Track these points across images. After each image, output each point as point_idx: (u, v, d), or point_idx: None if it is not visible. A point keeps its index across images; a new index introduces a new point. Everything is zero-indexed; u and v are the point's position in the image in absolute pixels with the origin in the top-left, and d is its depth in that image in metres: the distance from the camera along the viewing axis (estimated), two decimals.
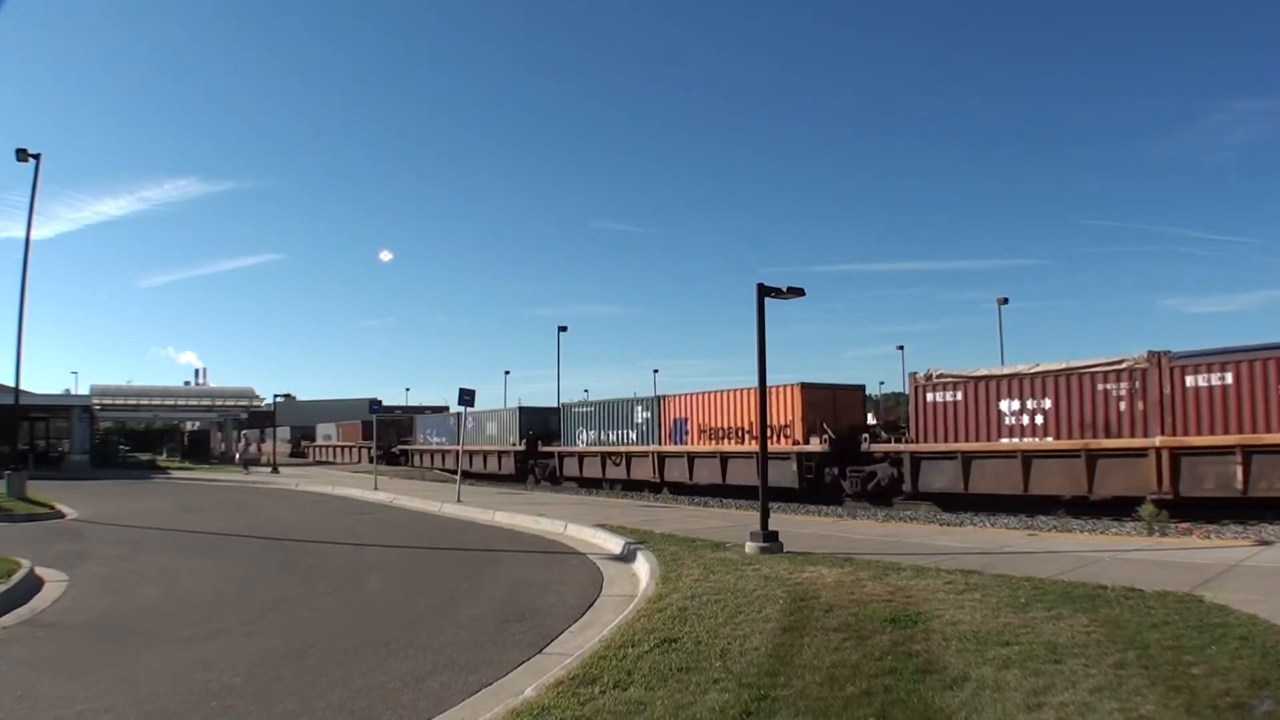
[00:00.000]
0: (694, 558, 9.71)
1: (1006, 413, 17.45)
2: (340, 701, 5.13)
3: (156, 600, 8.98)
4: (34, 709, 5.16)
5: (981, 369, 18.54)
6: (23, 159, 22.39)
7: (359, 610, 8.31)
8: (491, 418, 35.25)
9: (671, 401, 25.76)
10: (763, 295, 11.33)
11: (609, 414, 28.24)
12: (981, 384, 17.95)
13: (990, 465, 17.55)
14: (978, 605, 6.60)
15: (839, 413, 21.58)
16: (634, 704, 4.52)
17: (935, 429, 18.49)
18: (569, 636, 6.79)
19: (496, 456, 33.86)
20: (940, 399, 18.46)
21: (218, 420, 58.48)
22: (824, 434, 20.61)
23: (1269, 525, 13.70)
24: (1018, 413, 17.30)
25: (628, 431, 27.13)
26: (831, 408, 21.57)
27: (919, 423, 18.80)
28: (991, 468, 17.52)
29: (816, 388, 21.88)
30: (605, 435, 28.11)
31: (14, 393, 22.75)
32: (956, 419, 18.13)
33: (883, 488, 19.63)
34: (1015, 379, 17.51)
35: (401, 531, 15.60)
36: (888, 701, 4.39)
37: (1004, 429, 17.45)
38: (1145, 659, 4.99)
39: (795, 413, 21.32)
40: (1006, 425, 17.41)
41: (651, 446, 26.04)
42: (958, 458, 17.93)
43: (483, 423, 35.24)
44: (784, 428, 21.37)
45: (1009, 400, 17.45)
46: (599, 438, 28.40)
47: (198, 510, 19.84)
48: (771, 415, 20.51)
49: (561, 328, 47.84)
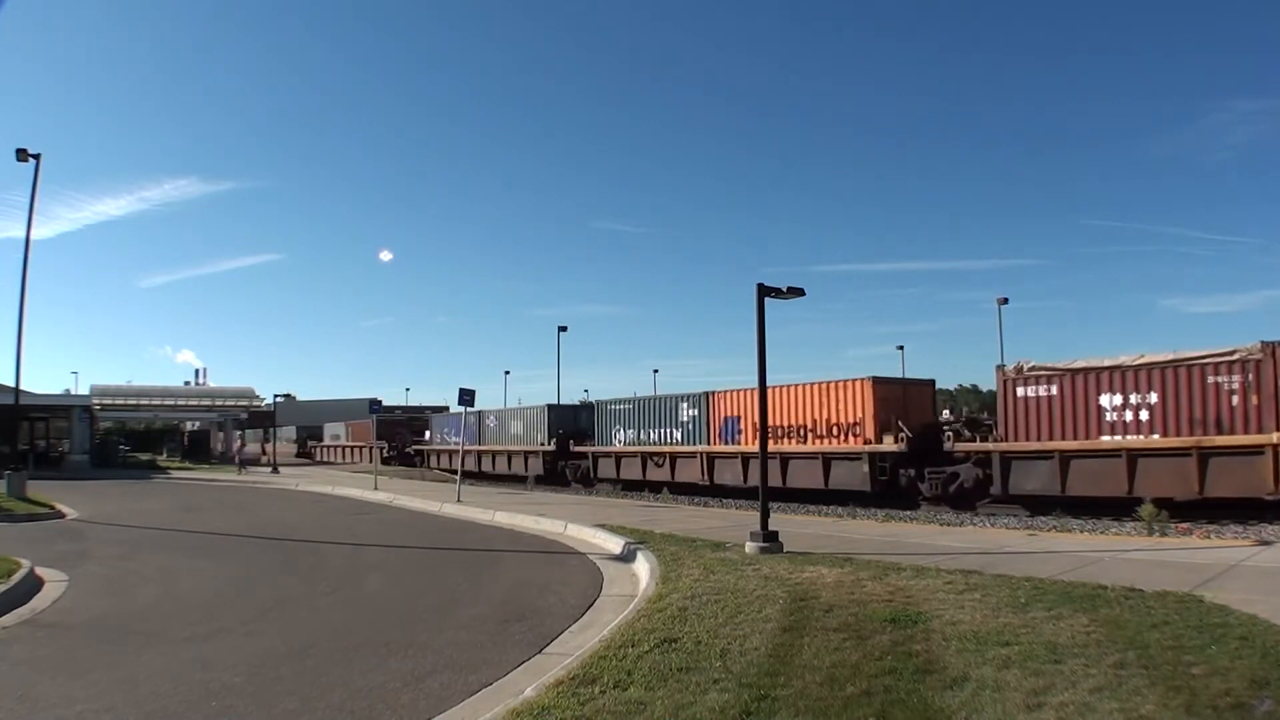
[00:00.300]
0: (694, 558, 9.71)
1: (1107, 408, 16.13)
2: (340, 701, 5.13)
3: (156, 600, 8.98)
4: (34, 709, 5.16)
5: (1079, 360, 17.02)
6: (23, 159, 22.38)
7: (359, 610, 8.31)
8: (516, 416, 33.68)
9: (722, 398, 23.78)
10: (763, 295, 11.33)
11: (650, 411, 26.52)
12: (1079, 377, 16.56)
13: (1090, 465, 16.17)
14: (978, 605, 6.60)
15: (909, 409, 19.96)
16: (634, 704, 4.52)
17: (1027, 426, 17.13)
18: (569, 636, 6.79)
19: (523, 457, 32.20)
20: (1032, 393, 17.10)
21: (218, 420, 58.51)
22: (899, 432, 19.08)
23: (1269, 525, 13.70)
24: (1120, 408, 16.00)
25: (671, 430, 25.40)
26: (902, 404, 20.03)
27: (1008, 419, 17.41)
28: (1091, 468, 16.14)
29: (888, 382, 20.46)
30: (645, 434, 26.35)
31: (14, 393, 22.74)
32: (1051, 415, 16.75)
33: (965, 490, 18.19)
34: (1117, 371, 16.15)
35: (401, 531, 15.60)
36: (888, 701, 4.39)
37: (1104, 425, 16.13)
38: (1145, 659, 4.99)
39: (866, 409, 19.79)
40: (1107, 422, 16.10)
41: (699, 446, 24.15)
42: (1054, 457, 16.54)
43: (506, 422, 33.85)
44: (853, 425, 19.99)
45: (1110, 394, 16.14)
46: (638, 437, 26.68)
47: (198, 510, 19.84)
48: (839, 412, 20.22)
49: (561, 328, 47.84)
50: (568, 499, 21.73)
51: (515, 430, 33.06)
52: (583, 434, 29.93)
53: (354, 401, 49.28)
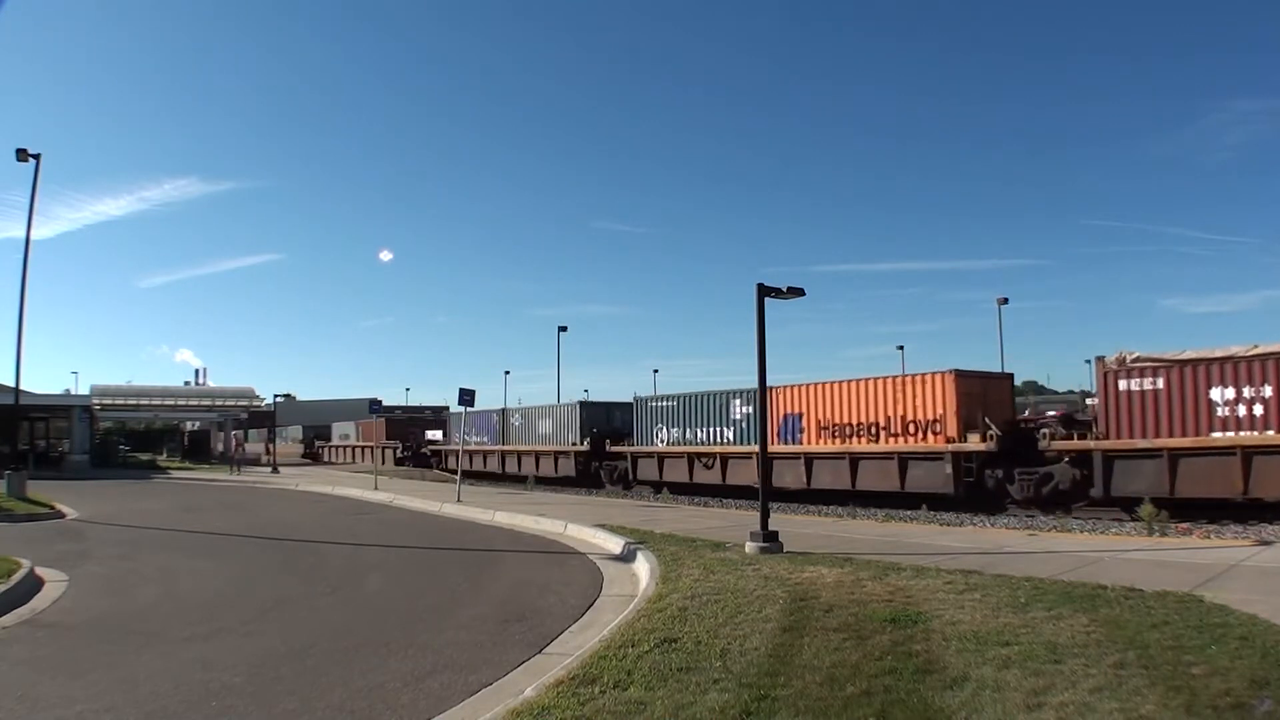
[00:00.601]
0: (694, 558, 9.71)
1: (1219, 402, 15.10)
2: (340, 701, 5.13)
3: (156, 600, 8.98)
4: (34, 709, 5.16)
5: (1188, 351, 16.18)
6: (23, 159, 22.39)
7: (359, 610, 8.31)
8: (545, 415, 31.90)
9: (781, 394, 22.03)
10: (763, 295, 11.33)
11: (698, 409, 24.62)
12: (1187, 369, 15.58)
13: (1201, 465, 15.08)
14: (978, 605, 6.60)
15: (988, 405, 18.51)
16: (634, 704, 4.52)
17: (1130, 422, 15.99)
18: (569, 636, 6.79)
19: (552, 458, 30.54)
20: (1136, 387, 15.97)
21: (218, 420, 58.48)
22: (987, 430, 17.69)
23: (1269, 525, 13.70)
24: (1232, 402, 14.98)
25: (721, 429, 23.60)
26: (982, 399, 18.58)
27: (1109, 415, 16.23)
28: (1202, 467, 15.05)
29: (969, 376, 18.81)
30: (692, 433, 24.54)
31: (14, 393, 22.75)
32: (1158, 410, 15.63)
33: (1060, 492, 16.99)
34: (1230, 363, 15.22)
35: (401, 531, 15.60)
36: (888, 701, 4.39)
37: (1215, 421, 15.11)
38: (1145, 659, 4.99)
39: (948, 405, 18.32)
40: (1219, 417, 15.08)
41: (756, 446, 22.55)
42: (1163, 456, 15.36)
43: (534, 420, 32.25)
44: (932, 423, 18.56)
45: (1222, 388, 15.13)
46: (683, 436, 24.91)
47: (198, 510, 19.83)
48: (916, 409, 18.92)
49: (561, 328, 47.92)
50: (567, 499, 21.70)
51: (544, 429, 31.53)
52: (619, 433, 28.47)
53: (354, 401, 49.31)
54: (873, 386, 20.01)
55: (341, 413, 56.23)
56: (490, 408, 36.83)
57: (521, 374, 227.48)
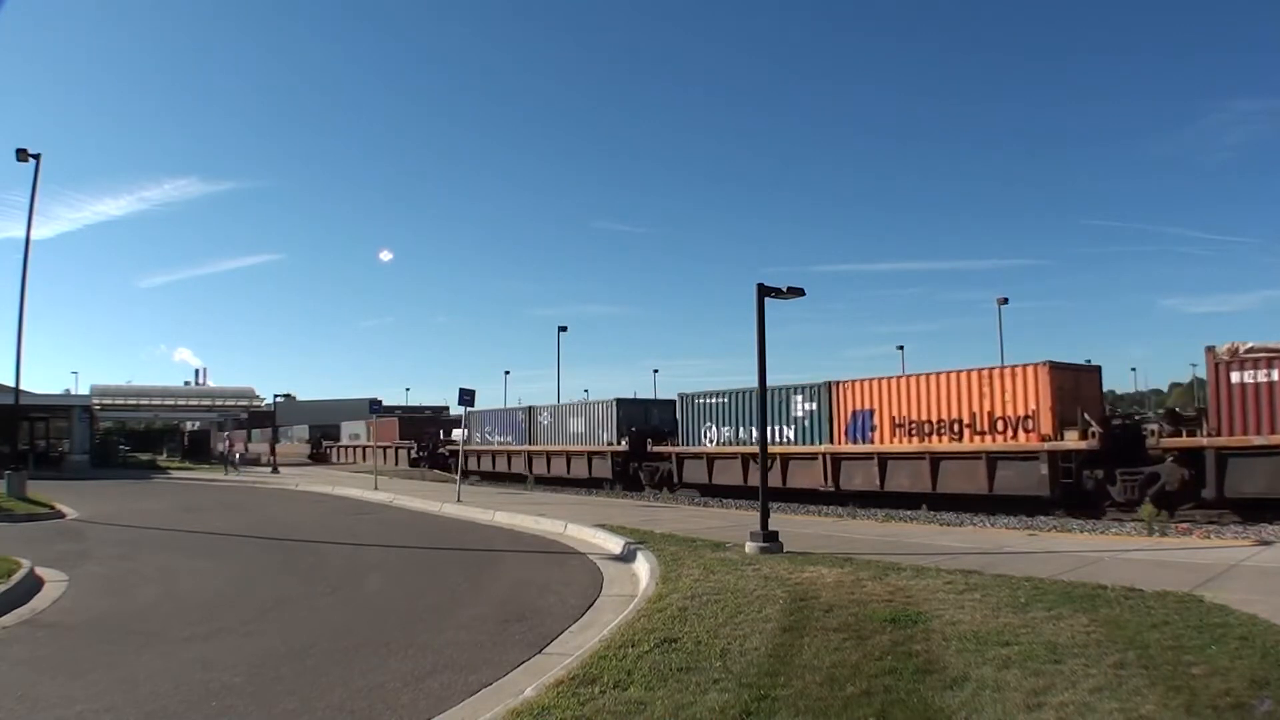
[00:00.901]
0: (694, 558, 9.71)
1: None
2: (340, 701, 5.13)
3: (156, 600, 8.98)
4: (34, 709, 5.16)
5: None
6: (23, 159, 22.40)
7: (359, 610, 8.31)
8: (576, 413, 30.16)
9: (848, 389, 20.43)
10: (763, 295, 11.33)
11: (750, 405, 22.51)
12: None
13: None
14: (978, 605, 6.61)
15: (1081, 400, 17.07)
16: (634, 704, 4.52)
17: (1244, 417, 14.83)
18: (569, 636, 6.79)
19: (585, 459, 28.59)
20: (1250, 379, 14.86)
21: (218, 420, 58.58)
22: (1088, 426, 16.22)
23: (1269, 525, 13.68)
24: None
25: (780, 427, 21.68)
26: (1074, 394, 17.10)
27: (1222, 410, 15.09)
28: None
29: (1063, 368, 17.26)
30: (746, 432, 22.73)
31: (14, 393, 22.76)
32: (1273, 404, 14.52)
33: (1167, 493, 15.67)
34: None
35: (401, 531, 15.60)
36: (888, 701, 4.39)
37: None
38: (1145, 659, 4.99)
39: (1041, 399, 16.76)
40: None
41: (820, 446, 20.64)
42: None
43: (564, 419, 30.47)
44: (1024, 419, 17.05)
45: None
46: (735, 435, 23.07)
47: (198, 510, 19.84)
48: (1006, 404, 17.43)
49: (561, 328, 47.87)
50: (568, 499, 21.70)
51: (575, 428, 29.62)
52: (660, 432, 26.76)
53: (354, 401, 49.15)
54: (955, 380, 18.37)
55: (342, 413, 56.06)
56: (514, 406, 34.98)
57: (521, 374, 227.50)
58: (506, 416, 34.59)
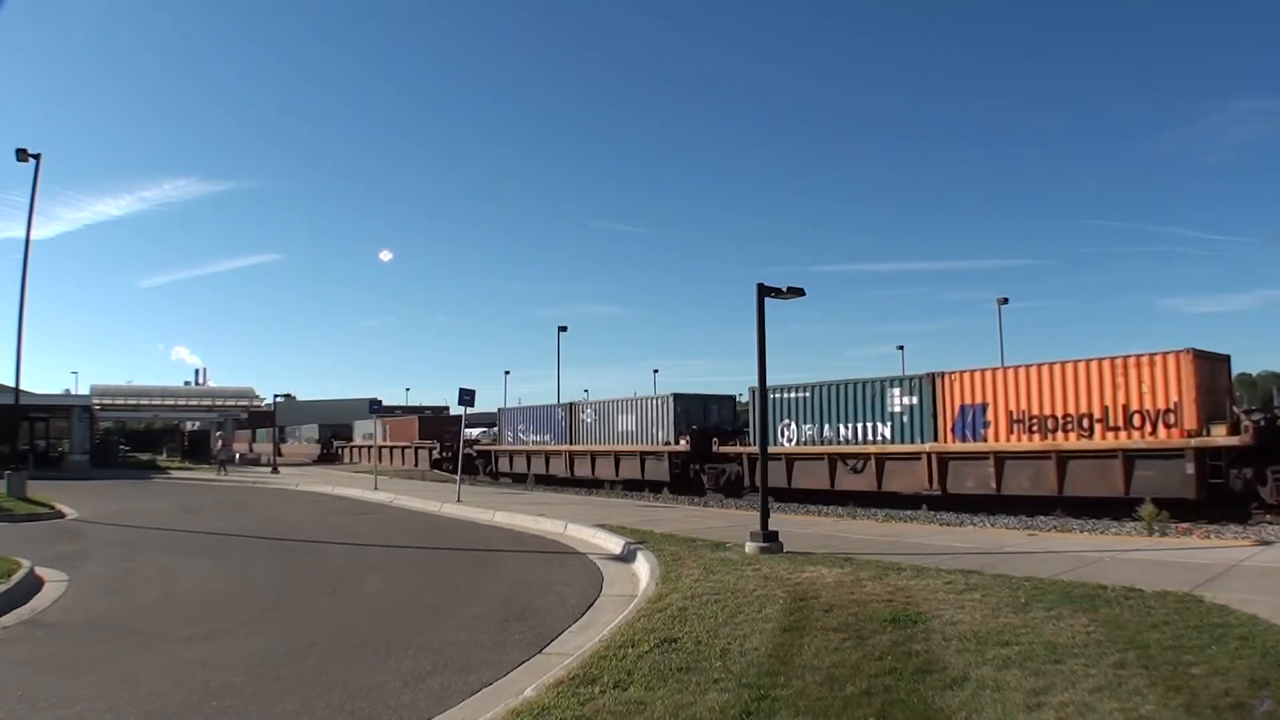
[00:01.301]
0: (694, 558, 9.71)
1: None
2: (340, 701, 5.13)
3: (157, 600, 8.98)
4: (34, 709, 5.16)
5: None
6: (23, 159, 22.40)
7: (359, 610, 8.31)
8: (626, 410, 27.49)
9: (955, 381, 18.42)
10: (763, 295, 11.34)
11: (839, 400, 20.69)
12: None
13: None
14: (978, 605, 6.61)
15: (1215, 391, 15.71)
16: (634, 704, 4.52)
17: None
18: (569, 636, 6.80)
19: (637, 460, 26.15)
20: None
21: (218, 420, 58.55)
22: (1237, 421, 14.73)
23: (1269, 525, 13.67)
24: None
25: (874, 424, 19.90)
26: (1211, 384, 15.62)
27: None
28: None
29: (1204, 358, 15.56)
30: (832, 430, 20.77)
31: (14, 393, 22.75)
32: None
33: None
34: None
35: (402, 531, 15.60)
36: (888, 701, 4.39)
37: None
38: (1145, 659, 4.99)
39: (1185, 391, 15.02)
40: None
41: (923, 445, 18.68)
42: None
43: (611, 416, 27.89)
44: (1164, 413, 15.36)
45: None
46: (819, 434, 21.04)
47: (198, 510, 19.84)
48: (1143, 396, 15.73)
49: (561, 328, 47.86)
50: (568, 499, 21.69)
51: (625, 426, 27.11)
52: (723, 431, 24.81)
53: (354, 401, 49.08)
54: (1083, 370, 16.49)
55: (342, 413, 56.00)
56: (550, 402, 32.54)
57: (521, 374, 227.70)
58: (544, 414, 31.54)
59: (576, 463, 29.04)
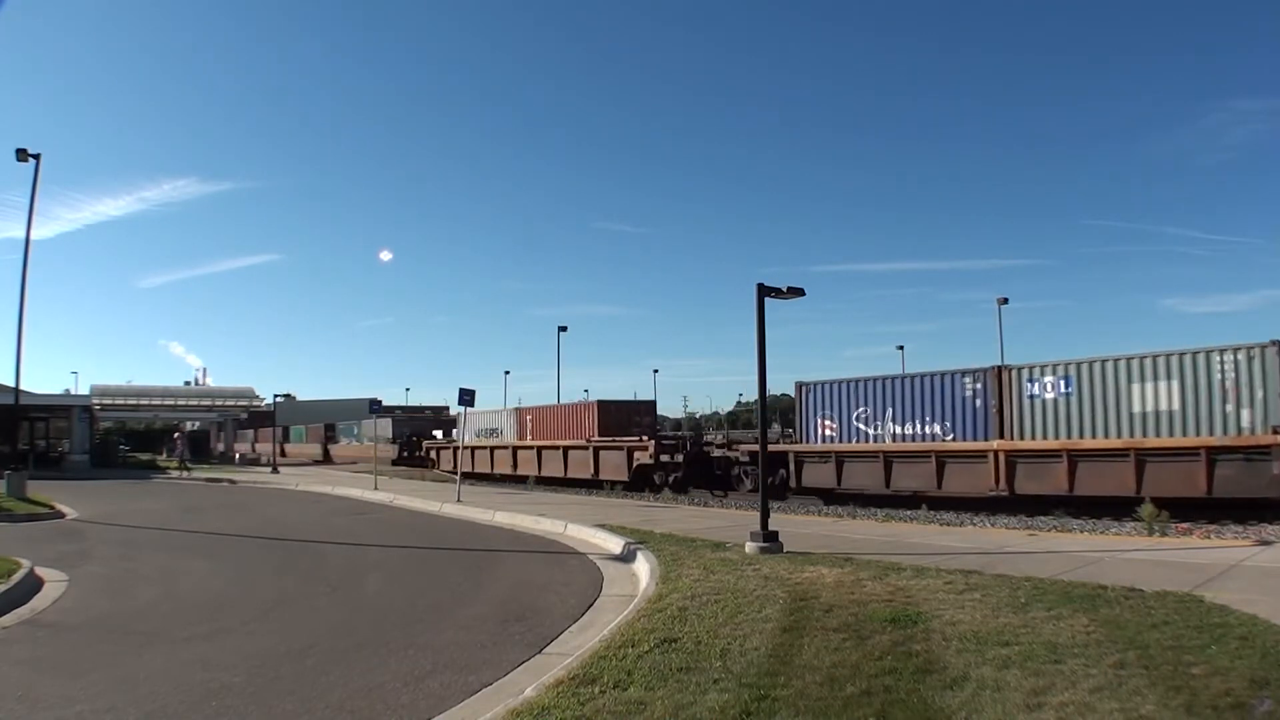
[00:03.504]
0: (694, 558, 9.71)
1: None
2: (340, 701, 5.13)
3: (156, 600, 8.98)
4: (34, 709, 5.16)
5: None
6: (23, 159, 22.40)
7: (359, 610, 8.31)
8: None
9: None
10: (763, 295, 11.33)
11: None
12: None
13: None
14: (978, 605, 6.60)
15: None
16: (634, 704, 4.52)
17: None
18: (569, 636, 6.79)
19: None
20: None
21: (218, 420, 58.60)
22: None
23: (1269, 525, 13.67)
24: None
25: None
26: None
27: None
28: None
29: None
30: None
31: (14, 393, 22.76)
32: None
33: None
34: None
35: (401, 531, 15.59)
36: (888, 701, 4.39)
37: None
38: (1145, 659, 4.99)
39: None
40: None
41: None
42: None
43: None
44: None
45: None
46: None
47: (198, 510, 19.83)
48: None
49: (561, 328, 47.94)
50: (568, 499, 21.64)
51: None
52: None
53: (354, 401, 49.01)
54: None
55: (342, 413, 55.97)
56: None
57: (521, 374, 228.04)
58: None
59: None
